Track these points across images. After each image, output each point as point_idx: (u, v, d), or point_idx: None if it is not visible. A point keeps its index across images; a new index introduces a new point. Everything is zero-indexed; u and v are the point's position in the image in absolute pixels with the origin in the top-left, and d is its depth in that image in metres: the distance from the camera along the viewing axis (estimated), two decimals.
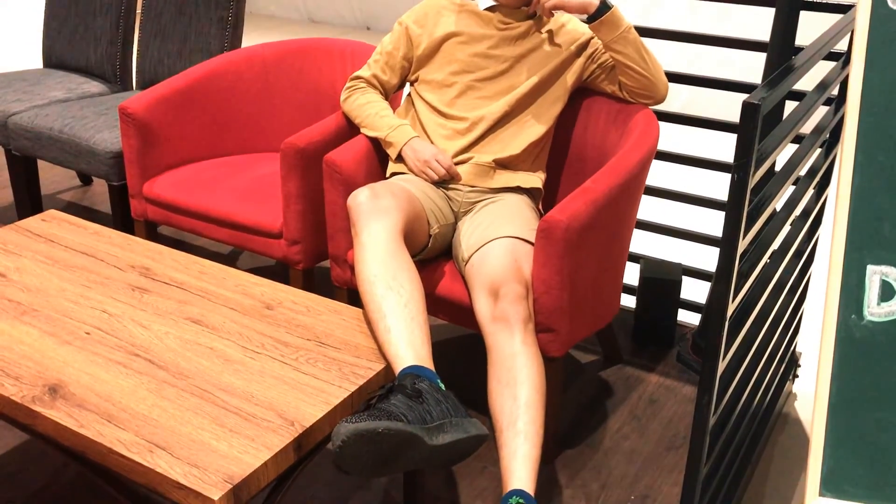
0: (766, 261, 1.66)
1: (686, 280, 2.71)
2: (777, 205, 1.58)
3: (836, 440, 1.31)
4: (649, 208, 3.27)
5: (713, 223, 3.02)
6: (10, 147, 2.91)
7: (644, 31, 2.29)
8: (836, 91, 1.96)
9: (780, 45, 2.07)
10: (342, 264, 2.15)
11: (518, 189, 2.14)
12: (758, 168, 1.29)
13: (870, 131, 1.31)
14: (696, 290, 2.72)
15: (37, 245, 1.98)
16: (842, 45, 1.92)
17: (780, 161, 3.43)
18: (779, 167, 2.79)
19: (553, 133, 2.23)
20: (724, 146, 3.83)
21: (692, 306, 2.56)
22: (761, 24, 4.25)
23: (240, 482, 1.31)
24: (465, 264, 1.94)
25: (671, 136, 3.15)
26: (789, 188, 2.30)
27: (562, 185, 2.33)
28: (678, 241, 2.97)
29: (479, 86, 2.12)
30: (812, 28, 2.29)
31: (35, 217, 2.11)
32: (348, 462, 1.42)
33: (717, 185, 3.00)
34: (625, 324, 2.60)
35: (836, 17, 3.43)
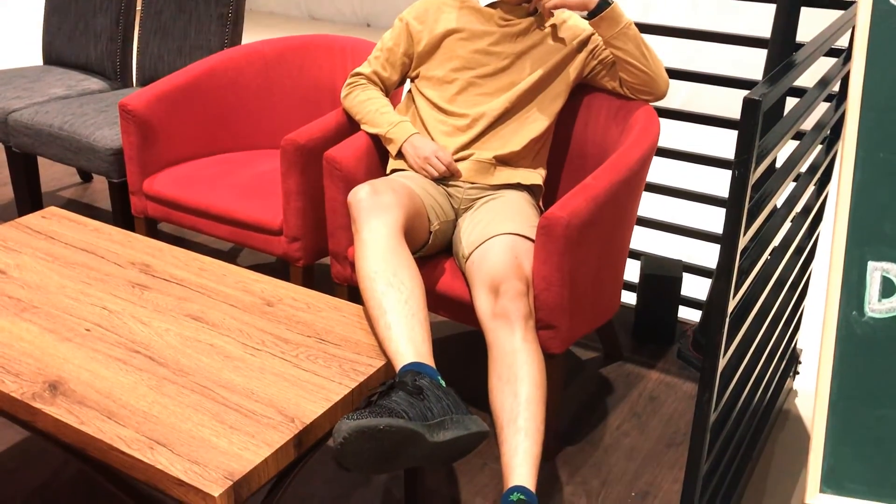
0: (767, 257, 1.65)
1: (686, 277, 2.71)
2: (778, 201, 1.58)
3: (836, 437, 1.31)
4: (650, 205, 3.27)
5: (714, 220, 3.02)
6: (10, 144, 2.91)
7: (644, 28, 2.29)
8: (836, 87, 1.95)
9: (781, 42, 2.07)
10: (342, 261, 2.15)
11: (518, 186, 2.14)
12: (758, 165, 1.29)
13: (871, 128, 1.31)
14: (696, 287, 2.72)
15: (37, 242, 1.98)
16: (843, 42, 1.92)
17: (780, 157, 3.43)
18: (779, 164, 2.79)
19: (554, 129, 2.23)
20: (724, 143, 3.83)
21: (693, 303, 2.55)
22: (762, 20, 4.25)
23: (240, 479, 1.31)
24: (466, 261, 1.93)
25: (672, 133, 3.14)
26: (790, 185, 2.30)
27: (562, 182, 2.33)
28: (679, 238, 2.97)
29: (480, 82, 2.12)
30: (813, 24, 2.29)
31: (35, 214, 2.11)
32: (349, 459, 1.42)
33: (718, 182, 3.00)
34: (625, 321, 2.60)
35: (837, 14, 3.42)
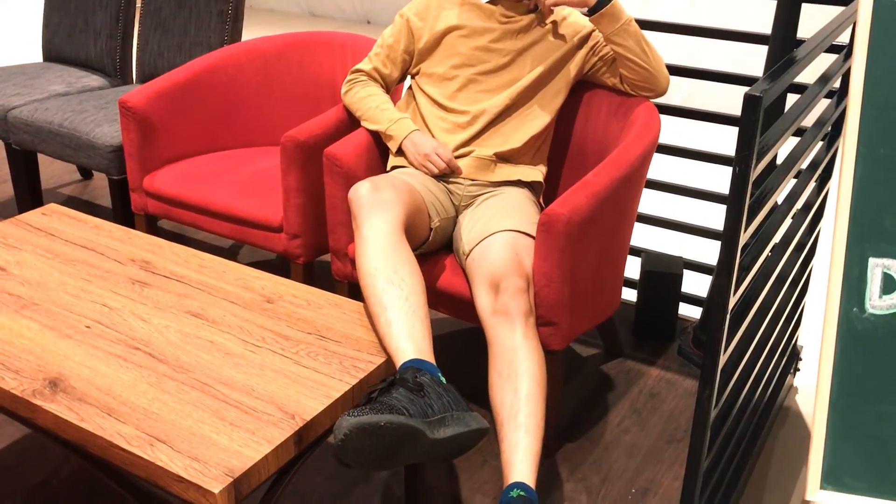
0: (768, 254, 1.65)
1: (687, 273, 2.71)
2: (778, 198, 1.57)
3: (837, 434, 1.31)
4: (650, 202, 3.27)
5: (714, 216, 3.02)
6: (10, 141, 2.90)
7: (645, 24, 2.29)
8: (837, 84, 1.95)
9: (781, 38, 2.06)
10: (343, 258, 2.15)
11: (519, 182, 2.14)
12: (759, 161, 1.28)
13: (872, 124, 1.30)
14: (697, 284, 2.72)
15: (37, 239, 1.97)
16: (843, 38, 1.92)
17: (781, 154, 3.43)
18: (780, 160, 2.79)
19: (554, 126, 2.23)
20: (725, 139, 3.83)
21: (693, 300, 2.55)
22: (763, 16, 4.25)
23: (240, 475, 1.31)
24: (466, 258, 1.93)
25: (672, 129, 3.14)
26: (791, 181, 2.30)
27: (563, 179, 2.32)
28: (679, 235, 2.97)
29: (481, 79, 2.12)
30: (814, 20, 2.28)
31: (35, 211, 2.11)
32: (350, 455, 1.42)
33: (719, 179, 2.99)
34: (626, 317, 2.60)
35: (838, 10, 3.42)
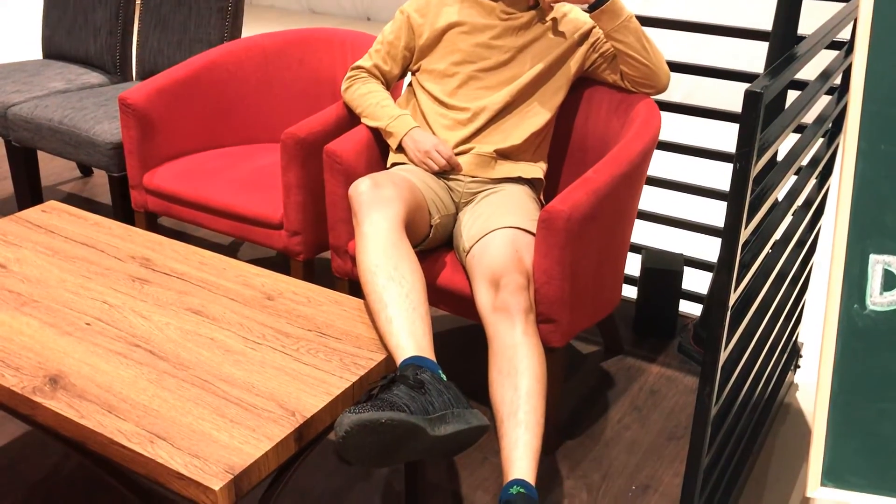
0: (768, 251, 1.65)
1: (687, 270, 2.71)
2: (779, 195, 1.57)
3: (837, 430, 1.31)
4: (651, 198, 3.27)
5: (715, 213, 3.02)
6: (9, 138, 2.90)
7: (645, 21, 2.28)
8: (838, 80, 1.95)
9: (782, 34, 2.06)
10: (343, 255, 2.15)
11: (519, 179, 2.14)
12: (760, 158, 1.28)
13: (873, 120, 1.30)
14: (697, 281, 2.72)
15: (37, 236, 1.97)
16: (845, 34, 1.92)
17: (782, 151, 3.43)
18: (781, 157, 2.78)
19: (554, 123, 2.22)
20: (725, 136, 3.83)
21: (693, 297, 2.55)
22: (764, 12, 4.24)
23: (240, 472, 1.30)
24: (466, 255, 1.93)
25: (673, 126, 3.14)
26: (791, 178, 2.30)
27: (563, 176, 2.32)
28: (679, 232, 2.97)
29: (481, 76, 2.11)
30: (815, 17, 2.28)
31: (35, 208, 2.11)
32: (351, 452, 1.42)
33: (719, 175, 2.99)
34: (626, 314, 2.60)
35: (839, 6, 3.41)
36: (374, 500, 1.88)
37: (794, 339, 2.28)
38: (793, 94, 2.26)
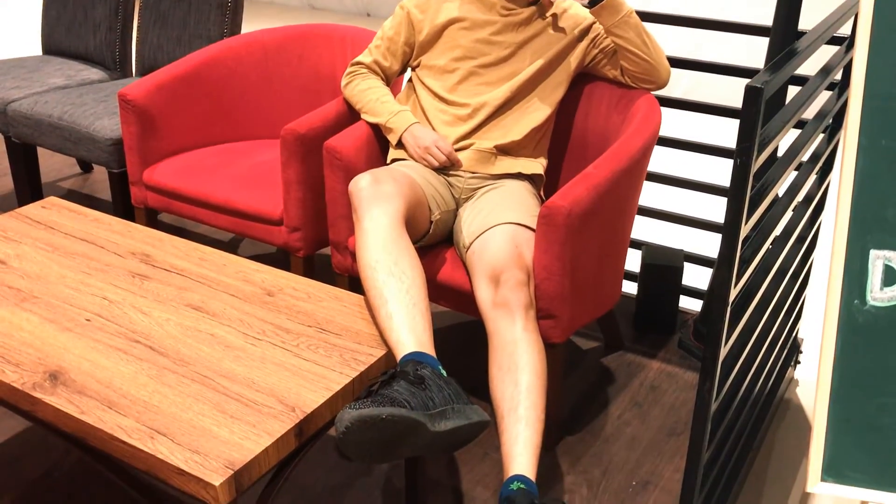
0: (769, 246, 1.65)
1: (688, 266, 2.71)
2: (779, 190, 1.57)
3: (837, 426, 1.31)
4: (651, 194, 3.27)
5: (715, 209, 3.02)
6: (9, 134, 2.90)
7: (645, 16, 2.28)
8: (839, 75, 1.95)
9: (783, 30, 2.06)
10: (343, 251, 2.15)
11: (519, 175, 2.14)
12: (760, 153, 1.28)
13: (873, 115, 1.30)
14: (697, 277, 2.72)
15: (37, 232, 1.97)
16: (845, 30, 1.92)
17: (782, 146, 3.42)
18: (781, 153, 2.78)
19: (555, 119, 2.22)
20: (726, 132, 3.82)
21: (694, 293, 2.55)
22: (764, 8, 4.23)
23: (241, 468, 1.31)
24: (467, 251, 1.93)
25: (673, 122, 3.13)
26: (792, 174, 2.29)
27: (563, 171, 2.32)
28: (680, 228, 2.96)
29: (482, 72, 2.11)
30: (815, 12, 2.27)
31: (35, 204, 2.11)
32: (351, 448, 1.42)
33: (719, 171, 2.99)
34: (626, 310, 2.60)
35: (840, 1, 3.41)
36: (374, 495, 1.88)
37: (794, 334, 2.28)
38: (793, 90, 2.25)
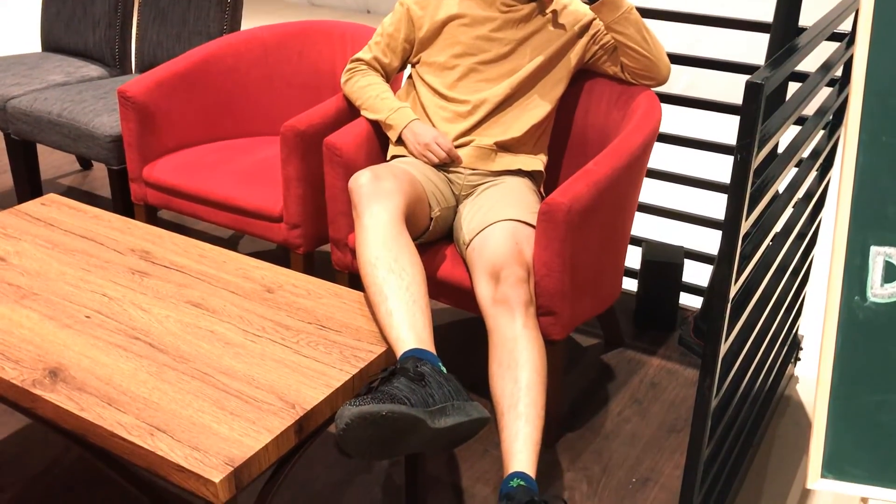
0: (769, 243, 1.65)
1: (688, 263, 2.71)
2: (780, 187, 1.57)
3: (837, 422, 1.31)
4: (651, 191, 3.26)
5: (715, 206, 3.02)
6: (9, 131, 2.90)
7: (645, 12, 2.28)
8: (839, 72, 1.94)
9: (783, 26, 2.06)
10: (343, 248, 2.15)
11: (519, 172, 2.13)
12: (760, 149, 1.28)
13: (874, 112, 1.30)
14: (697, 273, 2.72)
15: (36, 229, 1.97)
16: (846, 26, 1.91)
17: (782, 143, 3.42)
18: (781, 149, 2.78)
19: (555, 115, 2.22)
20: (726, 128, 3.82)
21: (694, 289, 2.55)
22: (765, 3, 4.23)
23: (240, 465, 1.31)
24: (467, 247, 1.93)
25: (673, 118, 3.13)
26: (792, 170, 2.29)
27: (563, 168, 2.32)
28: (680, 224, 2.96)
29: (482, 68, 2.11)
30: (816, 8, 2.27)
31: (35, 201, 2.11)
32: (351, 445, 1.42)
33: (720, 168, 2.99)
34: (626, 307, 2.60)
35: None
36: (374, 492, 1.89)
37: (794, 331, 2.27)
38: (794, 86, 2.25)
